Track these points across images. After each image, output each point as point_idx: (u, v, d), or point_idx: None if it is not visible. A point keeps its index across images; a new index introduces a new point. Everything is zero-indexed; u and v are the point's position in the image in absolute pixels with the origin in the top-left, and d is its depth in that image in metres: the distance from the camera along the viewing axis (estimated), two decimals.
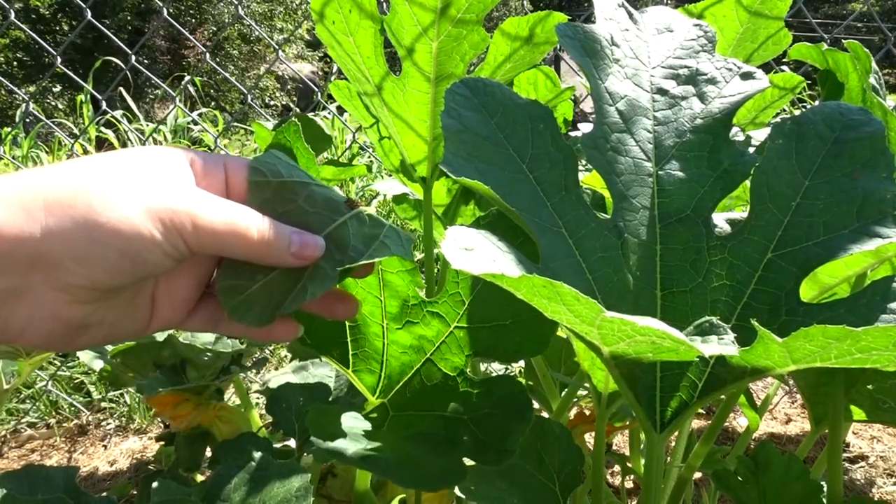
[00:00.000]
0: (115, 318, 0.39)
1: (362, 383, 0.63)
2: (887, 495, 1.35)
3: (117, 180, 0.35)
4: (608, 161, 0.55)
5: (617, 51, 0.57)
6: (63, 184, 0.34)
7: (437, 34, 0.69)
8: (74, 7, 8.42)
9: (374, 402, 0.63)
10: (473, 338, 0.60)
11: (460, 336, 0.60)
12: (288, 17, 10.84)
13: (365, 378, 0.63)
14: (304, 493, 0.62)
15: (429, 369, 0.62)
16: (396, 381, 0.63)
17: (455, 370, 0.61)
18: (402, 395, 0.63)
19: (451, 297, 0.60)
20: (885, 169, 0.51)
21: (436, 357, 0.61)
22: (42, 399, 1.72)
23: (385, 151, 0.94)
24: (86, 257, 0.34)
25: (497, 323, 0.59)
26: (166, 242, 0.36)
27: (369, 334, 0.62)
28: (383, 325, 0.62)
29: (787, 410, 1.72)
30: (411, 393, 0.62)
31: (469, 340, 0.60)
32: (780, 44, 0.84)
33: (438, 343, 0.61)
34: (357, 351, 0.63)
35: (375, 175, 3.09)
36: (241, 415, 1.01)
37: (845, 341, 0.34)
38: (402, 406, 0.63)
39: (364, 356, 0.63)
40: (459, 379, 0.60)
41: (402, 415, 0.62)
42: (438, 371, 0.61)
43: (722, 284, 0.54)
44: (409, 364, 0.63)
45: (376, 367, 0.63)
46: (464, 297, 0.60)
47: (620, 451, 1.42)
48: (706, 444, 0.70)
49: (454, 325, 0.60)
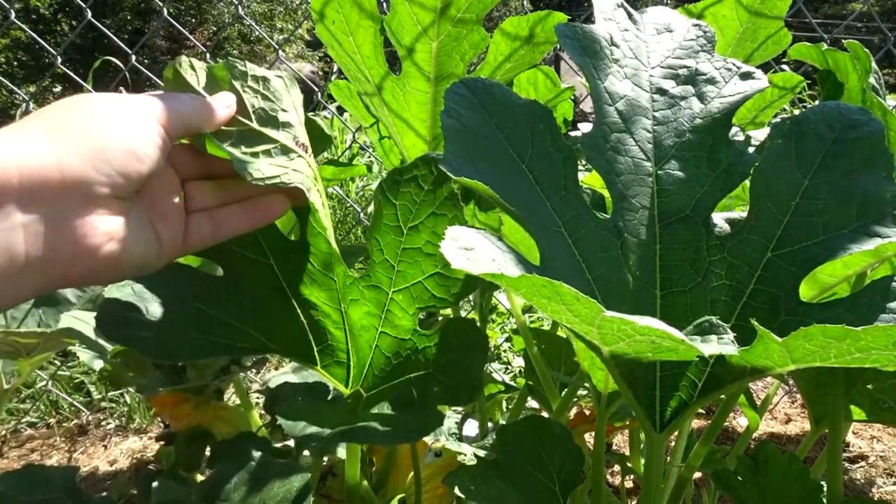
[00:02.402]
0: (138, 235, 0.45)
1: (333, 377, 0.64)
2: (887, 495, 1.35)
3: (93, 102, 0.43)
4: (608, 161, 0.55)
5: (616, 51, 0.57)
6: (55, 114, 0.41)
7: (437, 34, 0.69)
8: (74, 7, 8.42)
9: (348, 392, 0.64)
10: (412, 296, 0.61)
11: (399, 299, 0.61)
12: (288, 16, 10.84)
13: (335, 371, 0.64)
14: (304, 493, 0.62)
15: (384, 341, 0.63)
16: (363, 365, 0.64)
17: (407, 332, 0.62)
18: (370, 375, 0.64)
19: (380, 265, 0.61)
20: (885, 169, 0.51)
21: (385, 327, 0.62)
22: (42, 399, 1.72)
23: (385, 151, 0.94)
24: (102, 162, 0.40)
25: (429, 274, 0.60)
26: (152, 133, 0.43)
27: (330, 326, 0.63)
28: (341, 310, 0.62)
29: (787, 410, 1.72)
30: (378, 370, 0.63)
31: (409, 300, 0.61)
32: (780, 44, 0.84)
33: (383, 313, 0.62)
34: (321, 346, 0.63)
35: (376, 175, 3.08)
36: (241, 415, 1.01)
37: (845, 341, 0.34)
38: (372, 385, 0.64)
39: (329, 350, 0.63)
40: (415, 338, 0.62)
41: (374, 392, 0.63)
42: (393, 339, 0.62)
43: (721, 284, 0.54)
44: (367, 344, 0.63)
45: (343, 358, 0.64)
46: (392, 262, 0.60)
47: (620, 451, 1.42)
48: (706, 444, 0.70)
49: (391, 290, 0.61)
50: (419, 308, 0.61)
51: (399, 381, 0.62)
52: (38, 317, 1.17)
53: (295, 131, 0.53)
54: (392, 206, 0.59)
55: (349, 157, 3.10)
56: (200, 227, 0.51)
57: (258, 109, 0.50)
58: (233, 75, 0.50)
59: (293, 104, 0.54)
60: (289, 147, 0.52)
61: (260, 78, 0.51)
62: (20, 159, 0.38)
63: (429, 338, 0.61)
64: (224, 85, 0.50)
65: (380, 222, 0.59)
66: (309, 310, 0.61)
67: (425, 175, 0.58)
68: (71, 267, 0.41)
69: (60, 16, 8.83)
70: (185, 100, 0.48)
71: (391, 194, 0.59)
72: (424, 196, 0.58)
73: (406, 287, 0.61)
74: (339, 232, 2.71)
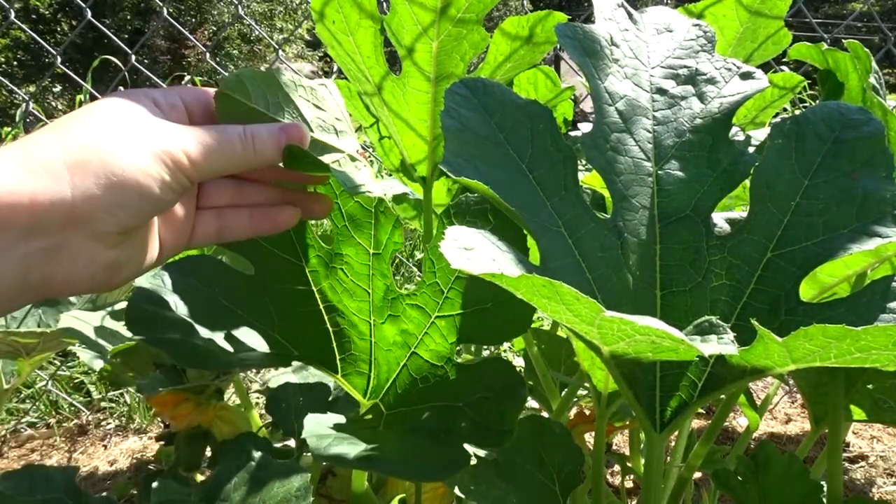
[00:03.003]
0: (138, 253, 0.44)
1: (352, 386, 0.64)
2: (887, 495, 1.35)
3: (116, 133, 0.40)
4: (608, 161, 0.55)
5: (616, 51, 0.57)
6: (74, 144, 0.39)
7: (437, 34, 0.69)
8: (74, 7, 8.42)
9: (367, 403, 0.64)
10: (456, 325, 0.60)
11: (442, 325, 0.60)
12: (288, 16, 10.84)
13: (355, 381, 0.64)
14: (303, 493, 0.62)
15: (415, 362, 0.62)
16: (385, 380, 0.63)
17: (441, 359, 0.60)
18: (392, 392, 0.63)
19: (430, 287, 0.60)
20: (885, 168, 0.51)
21: (420, 349, 0.61)
22: (42, 399, 1.72)
23: (385, 151, 0.94)
24: (115, 206, 0.39)
25: (478, 307, 0.59)
26: (173, 180, 0.41)
27: (354, 336, 0.62)
28: (370, 322, 0.62)
29: (787, 410, 1.72)
30: (402, 389, 0.62)
31: (451, 328, 0.60)
32: (780, 43, 0.84)
33: (421, 335, 0.61)
34: (344, 355, 0.63)
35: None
36: (241, 415, 1.01)
37: (845, 340, 0.34)
38: (394, 403, 0.63)
39: (351, 359, 0.63)
40: (448, 367, 0.60)
41: (395, 412, 0.62)
42: (425, 363, 0.61)
43: (721, 284, 0.54)
44: (395, 360, 0.63)
45: (365, 369, 0.63)
46: (442, 287, 0.59)
47: (620, 451, 1.42)
48: (706, 444, 0.70)
49: (435, 314, 0.60)
50: (459, 339, 0.60)
51: (424, 406, 0.60)
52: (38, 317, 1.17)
53: (352, 140, 0.51)
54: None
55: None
56: (207, 226, 0.50)
57: (315, 119, 0.49)
58: (286, 84, 0.48)
59: (342, 112, 0.52)
60: (354, 156, 0.50)
61: (308, 87, 0.49)
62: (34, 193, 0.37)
63: (463, 371, 0.60)
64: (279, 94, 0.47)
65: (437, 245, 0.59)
66: (336, 317, 0.61)
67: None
68: (63, 290, 0.41)
69: (60, 16, 8.84)
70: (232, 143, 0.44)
71: (458, 220, 0.58)
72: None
73: (451, 315, 0.60)
74: None
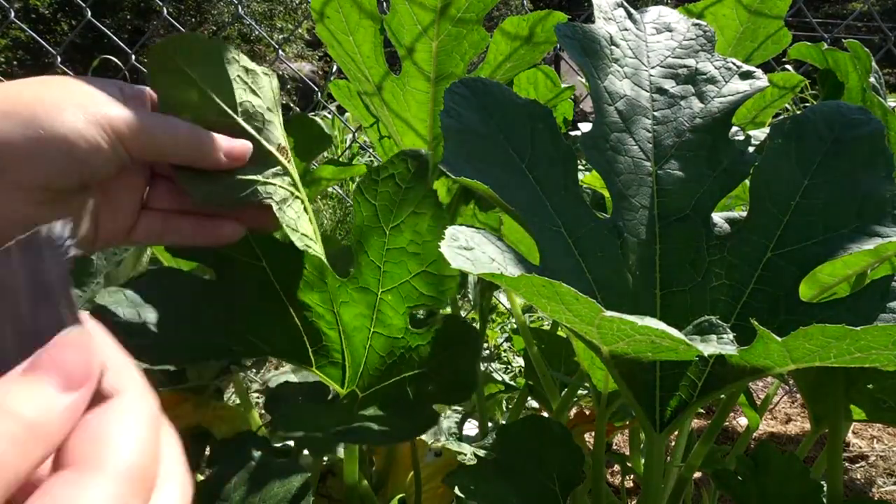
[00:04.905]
0: None
1: (328, 377, 0.64)
2: (887, 495, 1.35)
3: (58, 95, 0.39)
4: (608, 161, 0.55)
5: (616, 50, 0.57)
6: (11, 96, 0.38)
7: (437, 34, 0.69)
8: (74, 7, 8.42)
9: (344, 391, 0.64)
10: (401, 295, 0.61)
11: (389, 299, 0.61)
12: (288, 16, 10.84)
13: (330, 371, 0.64)
14: (303, 493, 0.62)
15: (378, 340, 0.63)
16: (358, 365, 0.64)
17: (400, 331, 0.62)
18: (365, 375, 0.64)
19: (367, 266, 0.60)
20: (885, 168, 0.51)
21: (378, 327, 0.62)
22: None
23: (385, 151, 0.94)
24: (36, 157, 0.38)
25: (415, 273, 0.60)
26: (109, 149, 0.40)
27: (323, 327, 0.62)
28: (334, 312, 0.62)
29: (787, 410, 1.72)
30: (372, 369, 0.63)
31: (398, 300, 0.61)
32: (780, 43, 0.84)
33: (374, 313, 0.62)
34: (315, 347, 0.63)
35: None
36: (241, 415, 1.01)
37: (844, 340, 0.34)
38: (367, 385, 0.63)
39: (324, 350, 0.63)
40: (407, 337, 0.61)
41: (369, 393, 0.63)
42: (386, 338, 0.62)
43: (721, 284, 0.54)
44: (361, 344, 0.63)
45: (338, 358, 0.64)
46: (377, 263, 0.60)
47: (620, 451, 1.42)
48: (706, 444, 0.69)
49: (380, 291, 0.61)
50: (409, 307, 0.61)
51: (394, 380, 0.62)
52: None
53: (276, 133, 0.50)
54: (371, 207, 0.58)
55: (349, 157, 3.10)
56: (151, 226, 0.48)
57: (245, 101, 0.47)
58: (227, 59, 0.46)
59: (276, 104, 0.52)
60: (268, 150, 0.49)
61: (249, 70, 0.48)
62: None
63: (422, 336, 0.61)
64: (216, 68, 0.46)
65: (361, 224, 0.59)
66: (303, 311, 0.61)
67: (402, 173, 0.56)
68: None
69: (60, 15, 8.84)
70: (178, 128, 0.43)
71: (369, 195, 0.58)
72: (403, 195, 0.57)
73: (394, 287, 0.60)
74: (339, 232, 2.71)
